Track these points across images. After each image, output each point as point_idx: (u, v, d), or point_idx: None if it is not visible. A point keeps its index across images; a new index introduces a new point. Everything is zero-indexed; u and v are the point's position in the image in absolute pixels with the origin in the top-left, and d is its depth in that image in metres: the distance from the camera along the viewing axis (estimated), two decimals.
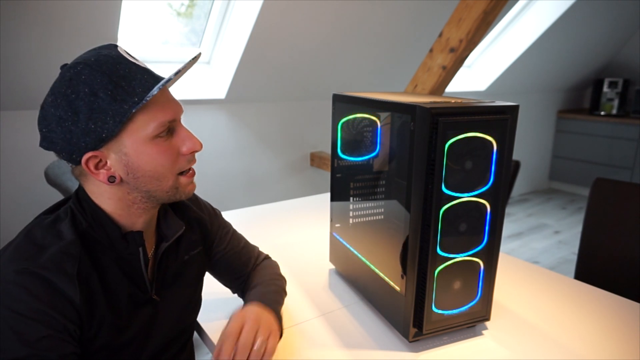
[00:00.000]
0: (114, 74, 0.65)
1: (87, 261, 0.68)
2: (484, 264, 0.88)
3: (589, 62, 4.29)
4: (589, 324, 0.98)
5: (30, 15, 1.65)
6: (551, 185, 4.84)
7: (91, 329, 0.68)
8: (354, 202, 1.05)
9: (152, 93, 0.65)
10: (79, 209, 0.71)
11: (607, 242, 1.40)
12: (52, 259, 0.64)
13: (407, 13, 2.62)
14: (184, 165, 0.73)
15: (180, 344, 0.88)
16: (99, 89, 0.63)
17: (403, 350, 0.88)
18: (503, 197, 0.85)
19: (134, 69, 0.67)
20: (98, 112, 0.64)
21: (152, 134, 0.67)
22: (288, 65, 2.55)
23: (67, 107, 0.64)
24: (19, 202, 2.04)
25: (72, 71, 0.65)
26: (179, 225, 0.81)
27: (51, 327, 0.62)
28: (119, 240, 0.71)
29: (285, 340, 0.90)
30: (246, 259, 0.98)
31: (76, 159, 0.66)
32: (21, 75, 1.84)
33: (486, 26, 1.98)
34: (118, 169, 0.68)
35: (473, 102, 0.82)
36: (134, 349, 0.76)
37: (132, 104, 0.65)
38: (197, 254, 0.87)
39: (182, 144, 0.72)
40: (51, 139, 0.66)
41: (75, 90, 0.64)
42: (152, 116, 0.67)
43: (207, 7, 2.33)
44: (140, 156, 0.67)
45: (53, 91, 0.66)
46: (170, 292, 0.81)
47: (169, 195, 0.73)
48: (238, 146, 2.71)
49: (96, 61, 0.65)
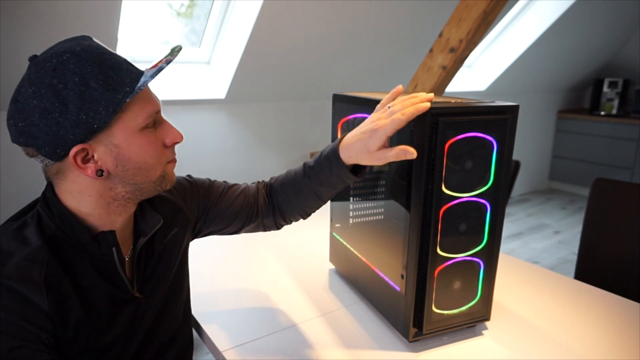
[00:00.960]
0: (102, 63, 0.63)
1: (56, 266, 0.65)
2: (484, 264, 0.88)
3: (589, 62, 4.29)
4: (588, 324, 0.98)
5: (31, 15, 1.65)
6: (551, 185, 4.84)
7: (66, 334, 0.66)
8: (354, 202, 1.05)
9: (146, 82, 0.64)
10: (46, 212, 0.68)
11: (607, 242, 1.40)
12: (17, 267, 0.62)
13: (407, 13, 2.62)
14: (169, 155, 0.73)
15: (168, 336, 0.84)
16: (90, 78, 0.61)
17: (403, 350, 0.88)
18: (503, 197, 0.85)
19: (118, 60, 0.66)
20: (90, 102, 0.61)
21: (142, 125, 0.67)
22: (288, 65, 2.55)
23: (53, 97, 0.61)
24: (19, 202, 2.03)
25: (55, 60, 0.62)
26: (156, 220, 0.78)
27: (22, 337, 0.60)
28: (89, 242, 0.69)
29: (285, 340, 0.90)
30: (242, 188, 0.95)
31: (60, 153, 0.63)
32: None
33: (486, 26, 1.98)
34: (106, 162, 0.66)
35: (473, 102, 0.82)
36: (118, 349, 0.74)
37: (124, 93, 0.63)
38: (171, 238, 0.84)
39: (165, 135, 0.72)
40: (31, 133, 0.62)
41: (62, 80, 0.61)
42: (141, 107, 0.66)
43: (207, 7, 2.33)
44: (131, 147, 0.66)
45: (32, 82, 0.62)
46: (151, 286, 0.79)
47: (155, 186, 0.72)
48: (238, 146, 2.71)
49: (82, 50, 0.63)
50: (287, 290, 1.10)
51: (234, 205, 0.93)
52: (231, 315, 1.00)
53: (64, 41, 0.66)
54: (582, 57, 4.12)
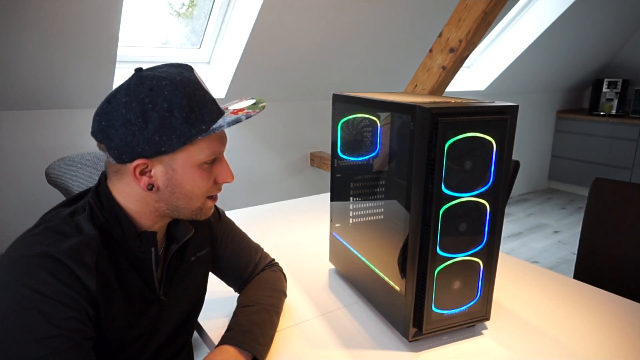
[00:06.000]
0: (192, 98, 0.68)
1: (105, 255, 0.70)
2: (484, 264, 0.88)
3: (588, 62, 4.30)
4: (588, 323, 0.98)
5: (31, 15, 1.65)
6: (550, 185, 4.84)
7: (107, 319, 0.70)
8: (354, 202, 1.05)
9: (222, 127, 0.70)
10: (97, 205, 0.72)
11: (607, 242, 1.40)
12: (73, 247, 0.66)
13: (407, 13, 2.62)
14: (214, 191, 0.78)
15: (180, 342, 0.89)
16: (176, 108, 0.67)
17: (403, 350, 0.88)
18: (503, 197, 0.86)
19: (206, 97, 0.71)
20: (167, 128, 0.67)
21: (203, 160, 0.72)
22: (288, 65, 2.55)
23: (140, 113, 0.66)
24: (19, 202, 2.04)
25: (154, 82, 0.67)
26: (188, 229, 0.83)
27: (75, 309, 0.64)
28: (133, 239, 0.73)
29: (285, 340, 0.90)
30: (246, 260, 0.98)
31: (125, 159, 0.69)
32: (21, 75, 1.84)
33: (486, 26, 1.98)
34: (159, 180, 0.71)
35: (473, 102, 0.82)
36: (139, 346, 0.78)
37: (199, 130, 0.69)
38: (204, 255, 0.89)
39: (219, 173, 0.76)
40: (109, 134, 0.68)
41: (153, 101, 0.66)
42: (209, 145, 0.72)
43: (207, 7, 2.33)
44: (185, 176, 0.71)
45: (129, 93, 0.67)
46: (176, 292, 0.83)
47: (192, 214, 0.77)
48: (238, 146, 2.71)
49: (180, 81, 0.68)
50: (287, 291, 1.10)
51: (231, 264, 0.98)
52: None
53: (171, 65, 0.72)
54: (582, 57, 4.12)
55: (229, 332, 0.83)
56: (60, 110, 2.07)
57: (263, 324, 0.86)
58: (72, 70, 1.92)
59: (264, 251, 1.03)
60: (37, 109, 2.01)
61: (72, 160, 1.78)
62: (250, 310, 0.88)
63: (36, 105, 1.99)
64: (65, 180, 1.66)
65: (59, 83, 1.95)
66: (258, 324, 0.85)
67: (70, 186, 1.63)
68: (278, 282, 0.98)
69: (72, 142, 2.12)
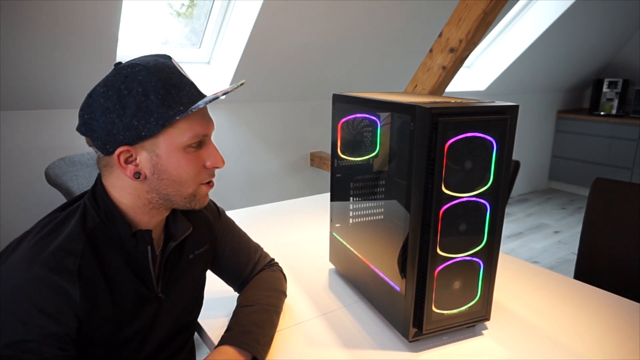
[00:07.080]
0: (167, 81, 0.69)
1: (90, 258, 0.70)
2: (484, 264, 0.88)
3: (588, 62, 4.29)
4: (588, 323, 0.98)
5: (31, 15, 1.65)
6: (551, 185, 4.84)
7: (92, 325, 0.70)
8: (354, 202, 1.05)
9: (199, 105, 0.69)
10: (93, 205, 0.73)
11: (607, 242, 1.40)
12: (53, 255, 0.67)
13: (407, 13, 2.62)
14: (205, 177, 0.77)
15: (181, 342, 0.89)
16: (151, 91, 0.68)
17: (403, 350, 0.88)
18: (503, 197, 0.86)
19: (183, 81, 0.72)
20: (144, 112, 0.67)
21: (186, 143, 0.71)
22: (288, 65, 2.55)
23: (116, 100, 0.67)
24: (19, 202, 2.04)
25: (129, 70, 0.68)
26: (186, 226, 0.84)
27: (36, 332, 0.65)
28: (128, 238, 0.73)
29: (285, 340, 0.90)
30: (246, 259, 0.98)
31: (109, 149, 0.69)
32: (21, 75, 1.84)
33: (486, 26, 1.98)
34: (145, 167, 0.71)
35: (473, 102, 0.82)
36: (134, 346, 0.78)
37: (177, 111, 0.69)
38: (203, 252, 0.90)
39: (207, 158, 0.76)
40: (91, 126, 0.70)
41: (128, 87, 0.67)
42: (190, 126, 0.71)
43: (207, 7, 2.33)
44: (170, 160, 0.71)
45: (106, 83, 0.69)
46: (174, 290, 0.83)
47: (185, 202, 0.76)
48: (238, 146, 2.71)
49: (154, 66, 0.69)
50: (287, 291, 1.10)
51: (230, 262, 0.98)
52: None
53: (148, 55, 0.73)
54: (582, 57, 4.12)
55: (229, 332, 0.83)
56: (60, 110, 2.07)
57: (263, 324, 0.86)
58: (72, 70, 1.92)
59: (263, 251, 1.03)
60: (37, 109, 2.01)
61: (72, 160, 1.78)
62: (250, 310, 0.88)
63: (36, 105, 1.99)
64: (65, 180, 1.66)
65: (59, 83, 1.95)
66: (258, 324, 0.85)
67: (70, 186, 1.63)
68: (278, 282, 0.98)
69: (72, 142, 2.12)
